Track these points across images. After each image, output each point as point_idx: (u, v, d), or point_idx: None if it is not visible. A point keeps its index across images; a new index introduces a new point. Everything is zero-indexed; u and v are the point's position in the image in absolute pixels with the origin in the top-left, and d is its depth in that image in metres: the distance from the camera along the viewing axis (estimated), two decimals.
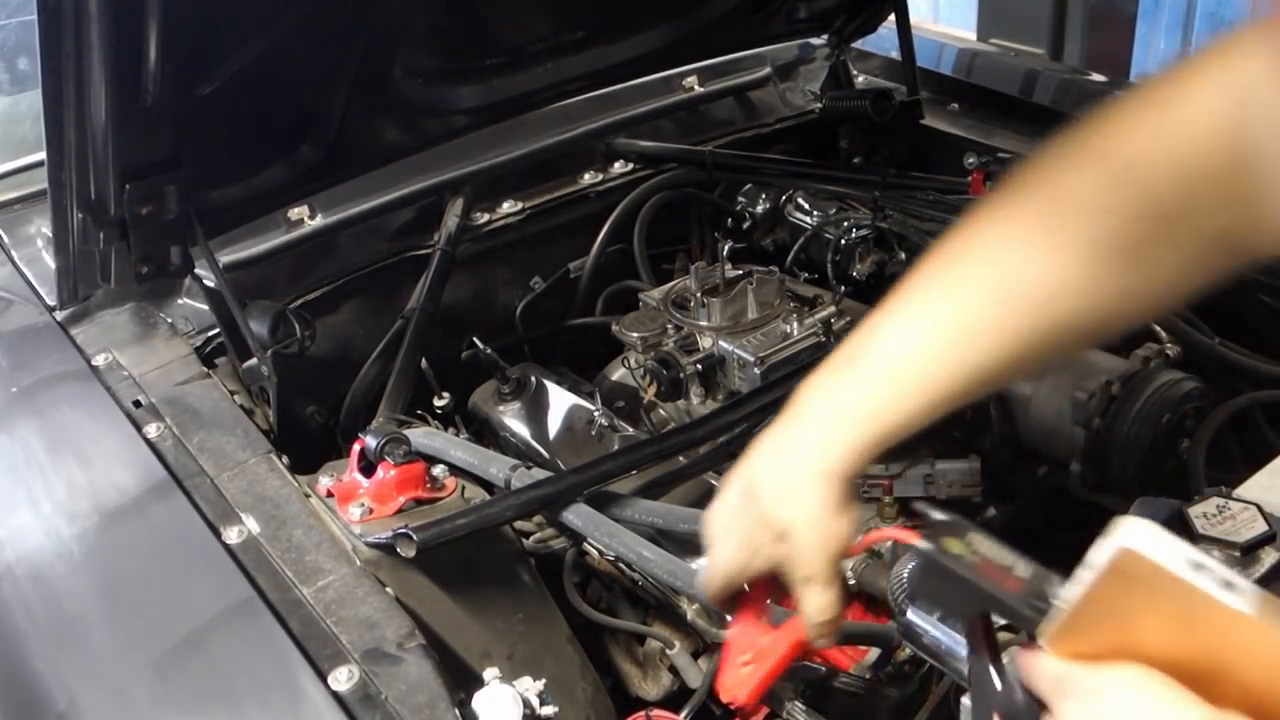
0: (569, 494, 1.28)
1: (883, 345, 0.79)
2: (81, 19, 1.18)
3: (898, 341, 0.78)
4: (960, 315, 0.77)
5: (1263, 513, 1.05)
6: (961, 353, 0.78)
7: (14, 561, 1.20)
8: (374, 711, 0.98)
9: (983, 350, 0.78)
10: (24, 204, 1.88)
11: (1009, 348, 0.78)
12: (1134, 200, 0.73)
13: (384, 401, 1.47)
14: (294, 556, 1.17)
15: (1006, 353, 0.78)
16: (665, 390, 1.53)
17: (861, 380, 0.80)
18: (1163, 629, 0.62)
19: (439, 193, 1.83)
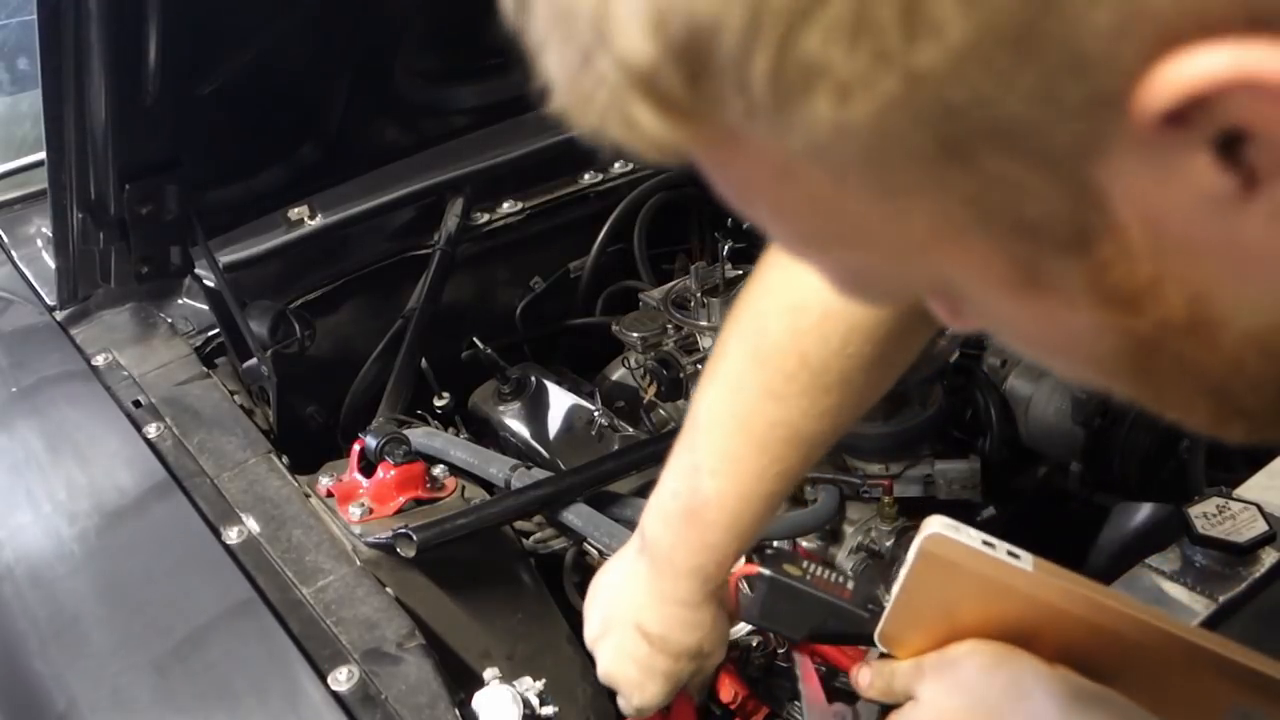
0: (569, 494, 1.28)
1: (720, 502, 0.90)
2: (81, 19, 1.18)
3: (731, 498, 0.89)
4: (776, 466, 0.88)
5: (1263, 513, 1.05)
6: (784, 490, 0.91)
7: (14, 562, 1.20)
8: (374, 711, 0.98)
9: (796, 477, 0.91)
10: (24, 204, 1.88)
11: (810, 463, 0.91)
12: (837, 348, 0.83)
13: (384, 401, 1.47)
14: (294, 556, 1.17)
15: (808, 466, 0.91)
16: (665, 390, 1.53)
17: (709, 533, 0.91)
18: (975, 606, 0.72)
19: (439, 193, 1.83)
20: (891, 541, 1.30)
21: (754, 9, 0.32)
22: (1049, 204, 0.35)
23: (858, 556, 1.32)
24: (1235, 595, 1.01)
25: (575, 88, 0.37)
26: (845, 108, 0.33)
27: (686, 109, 0.35)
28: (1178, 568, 1.04)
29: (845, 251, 0.43)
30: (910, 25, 0.31)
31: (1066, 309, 0.39)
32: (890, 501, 1.35)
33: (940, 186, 0.35)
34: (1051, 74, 0.32)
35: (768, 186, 0.40)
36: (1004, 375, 1.48)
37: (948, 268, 0.40)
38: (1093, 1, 0.30)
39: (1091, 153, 0.34)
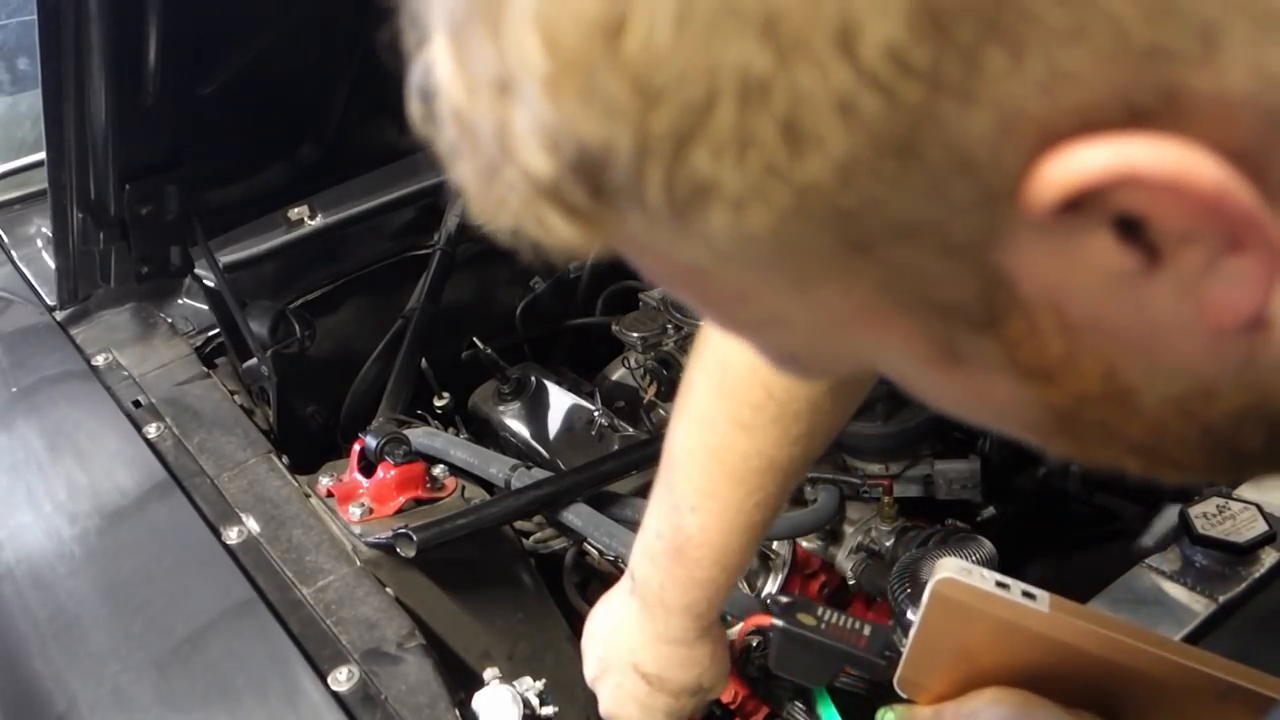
0: (569, 494, 1.28)
1: (704, 538, 0.90)
2: (81, 19, 1.18)
3: (714, 533, 0.90)
4: (754, 497, 0.88)
5: (1263, 513, 1.05)
6: (766, 518, 0.90)
7: (14, 562, 1.20)
8: (374, 711, 0.98)
9: (777, 504, 0.91)
10: (24, 204, 1.89)
11: (788, 489, 0.91)
12: None
13: (384, 401, 1.47)
14: (294, 556, 1.17)
15: (787, 492, 0.91)
16: (665, 390, 1.53)
17: (697, 569, 0.92)
18: (991, 648, 0.71)
19: (439, 193, 1.83)
20: (891, 541, 1.30)
21: (640, 132, 0.32)
22: (956, 287, 0.36)
23: (858, 556, 1.32)
24: (1235, 595, 1.01)
25: (488, 194, 0.37)
26: (741, 219, 0.33)
27: (593, 217, 0.36)
28: (1178, 568, 1.04)
29: (773, 336, 0.44)
30: (792, 140, 0.32)
31: (988, 382, 0.40)
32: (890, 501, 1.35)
33: (849, 275, 0.36)
34: (938, 176, 0.32)
35: (688, 282, 0.40)
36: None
37: (872, 347, 0.41)
38: (968, 109, 0.31)
39: (990, 240, 0.34)
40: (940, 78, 0.31)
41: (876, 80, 0.30)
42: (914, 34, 0.30)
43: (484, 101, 0.35)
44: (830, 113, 0.31)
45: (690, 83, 0.31)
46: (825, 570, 1.38)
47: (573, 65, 0.32)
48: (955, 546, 1.17)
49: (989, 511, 1.42)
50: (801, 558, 1.35)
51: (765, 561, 1.32)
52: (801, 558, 1.35)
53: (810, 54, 0.30)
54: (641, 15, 0.31)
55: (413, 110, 0.38)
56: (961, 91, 0.31)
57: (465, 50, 0.35)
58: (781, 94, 0.31)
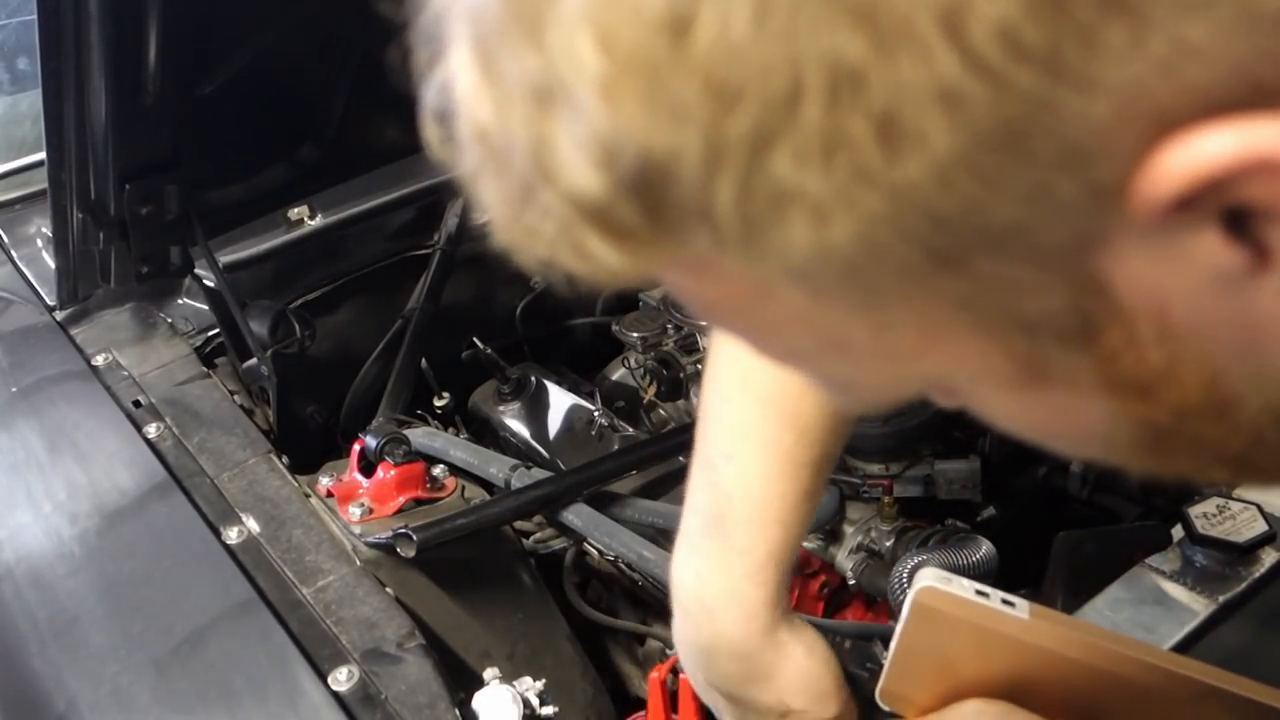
0: (569, 494, 1.28)
1: (746, 492, 0.77)
2: (81, 19, 1.18)
3: (760, 486, 0.77)
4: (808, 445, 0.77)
5: (1263, 513, 1.05)
6: (817, 477, 0.78)
7: (14, 562, 1.20)
8: (374, 711, 0.98)
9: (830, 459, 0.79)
10: (24, 204, 1.89)
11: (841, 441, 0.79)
12: None
13: (384, 401, 1.47)
14: (294, 556, 1.17)
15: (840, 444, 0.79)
16: (665, 390, 1.53)
17: (740, 538, 0.78)
18: (973, 657, 0.69)
19: (439, 193, 1.83)
20: (891, 541, 1.30)
21: (712, 137, 0.29)
22: (1048, 299, 0.33)
23: (858, 556, 1.31)
24: (1235, 595, 1.01)
25: (518, 222, 0.34)
26: (824, 230, 0.31)
27: (645, 239, 0.33)
28: (1178, 568, 1.04)
29: (830, 364, 0.40)
30: (888, 138, 0.29)
31: (1074, 401, 0.37)
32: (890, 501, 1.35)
33: (929, 293, 0.33)
34: (1045, 173, 0.30)
35: (741, 307, 0.37)
36: None
37: (942, 370, 0.38)
38: (1085, 95, 0.29)
39: (1090, 244, 0.32)
40: (1057, 60, 0.28)
41: (986, 66, 0.28)
42: (1029, 11, 0.27)
43: (518, 116, 0.32)
44: (933, 105, 0.28)
45: (772, 79, 0.28)
46: (825, 570, 1.37)
47: (633, 65, 0.29)
48: (955, 546, 1.17)
49: (989, 511, 1.43)
50: (801, 558, 1.35)
51: None
52: (801, 558, 1.35)
53: (913, 38, 0.28)
54: (713, 6, 0.28)
55: (428, 133, 0.35)
56: (1079, 75, 0.28)
57: (495, 60, 0.32)
58: (878, 86, 0.28)
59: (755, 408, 0.76)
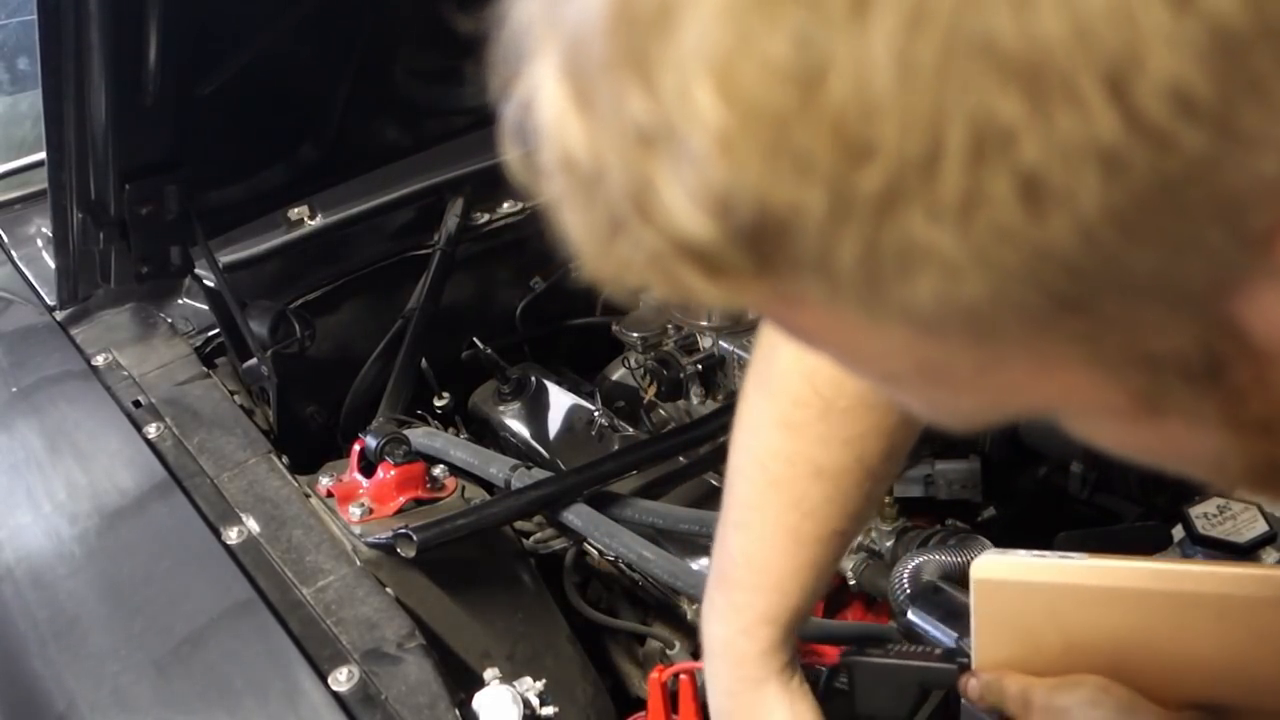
0: (569, 494, 1.28)
1: (746, 558, 0.81)
2: (81, 19, 1.18)
3: (758, 549, 0.80)
4: (802, 505, 0.79)
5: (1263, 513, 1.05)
6: (814, 531, 0.80)
7: (14, 562, 1.20)
8: (374, 711, 0.98)
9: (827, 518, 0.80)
10: (24, 204, 1.89)
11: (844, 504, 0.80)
12: None
13: (384, 401, 1.47)
14: (294, 556, 1.17)
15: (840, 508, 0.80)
16: (665, 390, 1.53)
17: (737, 596, 0.82)
18: (1051, 617, 0.70)
19: (439, 193, 1.83)
20: (891, 542, 1.30)
21: (839, 193, 0.28)
22: (1175, 337, 0.32)
23: (858, 556, 1.31)
24: None
25: (607, 253, 0.32)
26: (954, 288, 0.29)
27: (751, 281, 0.31)
28: None
29: (925, 390, 0.38)
30: (1033, 198, 0.27)
31: (1189, 434, 0.36)
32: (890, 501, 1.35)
33: (1050, 333, 0.32)
34: (1196, 224, 0.29)
35: (840, 340, 0.36)
36: None
37: (1049, 401, 0.37)
38: (1258, 149, 0.27)
39: (1228, 289, 0.31)
40: (1228, 118, 0.27)
41: (1151, 125, 0.26)
42: (1203, 68, 0.26)
43: (616, 153, 0.30)
44: (1087, 166, 0.27)
45: (911, 136, 0.27)
46: None
47: (758, 118, 0.28)
48: (955, 547, 1.17)
49: (989, 511, 1.43)
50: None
51: None
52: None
53: (1072, 96, 0.26)
54: (849, 59, 0.27)
55: (508, 153, 0.34)
56: (1250, 133, 0.27)
57: (593, 92, 0.30)
58: (1029, 146, 0.27)
59: (768, 490, 0.79)
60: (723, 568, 0.82)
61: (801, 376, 0.74)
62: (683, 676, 1.10)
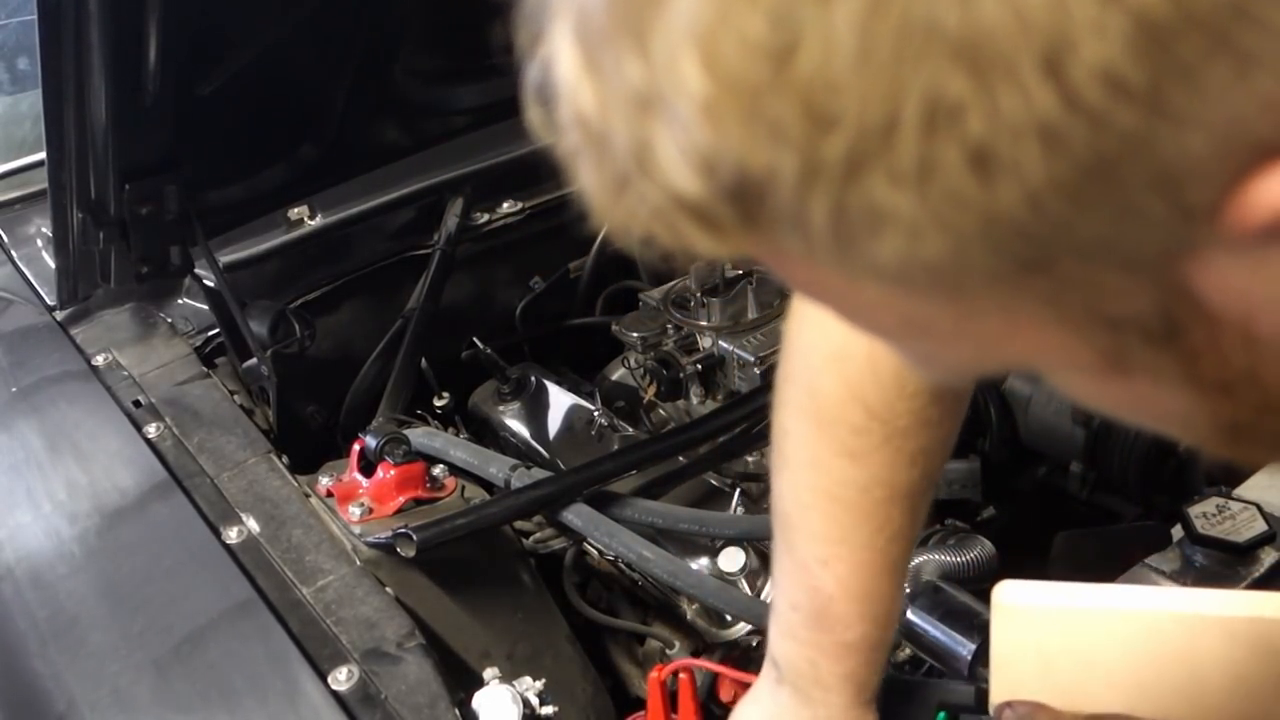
0: (569, 494, 1.28)
1: (845, 591, 0.81)
2: (81, 19, 1.18)
3: (854, 581, 0.81)
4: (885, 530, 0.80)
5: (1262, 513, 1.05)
6: (902, 554, 0.82)
7: (14, 562, 1.20)
8: (374, 711, 0.98)
9: (911, 538, 0.82)
10: (24, 204, 1.89)
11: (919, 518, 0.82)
12: None
13: (384, 401, 1.47)
14: (294, 556, 1.17)
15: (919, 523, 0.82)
16: (665, 390, 1.53)
17: (847, 630, 0.83)
18: (1068, 641, 0.72)
19: (439, 193, 1.83)
20: None
21: (808, 158, 0.31)
22: (1133, 301, 0.34)
23: None
24: None
25: (616, 206, 0.35)
26: (915, 247, 0.32)
27: (741, 235, 0.34)
28: (1178, 568, 1.04)
29: (915, 342, 0.42)
30: (981, 168, 0.30)
31: (1155, 392, 0.38)
32: None
33: (1016, 292, 0.34)
34: (1137, 197, 0.31)
35: (829, 292, 0.39)
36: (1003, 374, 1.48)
37: (1024, 355, 0.39)
38: (1183, 130, 0.29)
39: (1179, 255, 0.33)
40: (1157, 99, 0.29)
41: (1086, 104, 0.29)
42: (1131, 54, 0.28)
43: (619, 114, 0.33)
44: (1029, 140, 0.29)
45: (870, 108, 0.30)
46: None
47: (736, 88, 0.30)
48: (955, 547, 1.17)
49: (989, 511, 1.43)
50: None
51: (766, 562, 1.32)
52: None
53: (1013, 77, 0.29)
54: (816, 37, 0.29)
55: (529, 111, 0.36)
56: (1179, 112, 0.29)
57: (599, 57, 0.33)
58: (976, 120, 0.29)
59: (850, 521, 0.79)
60: (818, 607, 0.81)
61: (853, 402, 0.75)
62: (682, 675, 1.10)
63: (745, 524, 1.31)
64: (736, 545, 1.29)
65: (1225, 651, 0.69)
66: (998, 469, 1.44)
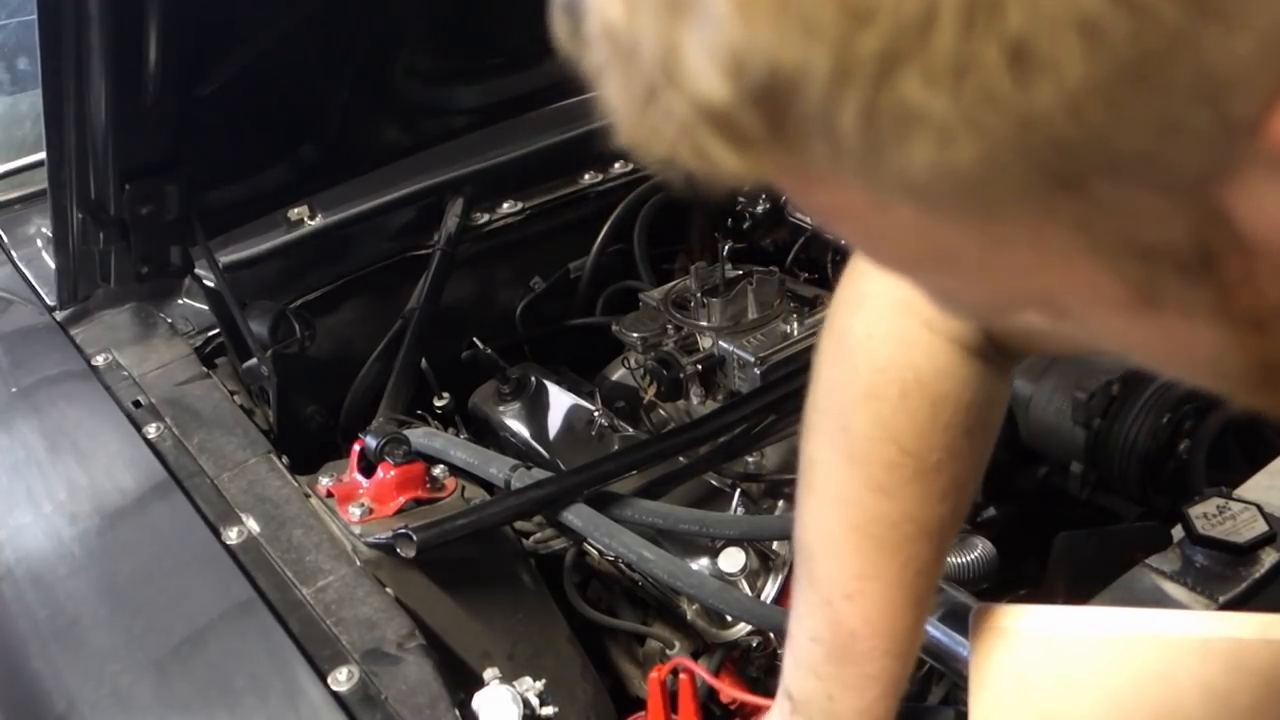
0: (569, 494, 1.28)
1: (868, 626, 0.80)
2: (81, 19, 1.18)
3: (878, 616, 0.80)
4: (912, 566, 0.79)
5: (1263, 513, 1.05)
6: (928, 589, 0.81)
7: (14, 562, 1.20)
8: (374, 711, 0.98)
9: (935, 573, 0.81)
10: (24, 204, 1.88)
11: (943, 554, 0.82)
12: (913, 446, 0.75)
13: (384, 401, 1.47)
14: (294, 557, 1.17)
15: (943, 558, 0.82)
16: (665, 390, 1.53)
17: (869, 664, 0.82)
18: (1046, 669, 0.72)
19: (439, 193, 1.83)
20: None
21: (842, 55, 0.30)
22: (1168, 226, 0.33)
23: None
24: (1235, 595, 1.01)
25: (641, 121, 0.34)
26: (947, 152, 0.31)
27: (766, 148, 0.33)
28: (1178, 568, 1.04)
29: (940, 275, 0.40)
30: (1020, 65, 0.29)
31: (1187, 330, 0.37)
32: None
33: (1046, 215, 0.33)
34: (1179, 105, 0.30)
35: (855, 216, 0.37)
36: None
37: (1052, 291, 0.38)
38: (1230, 31, 0.29)
39: (1217, 175, 0.32)
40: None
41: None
42: None
43: (648, 19, 0.32)
44: (1070, 35, 0.28)
45: (907, 2, 0.29)
46: None
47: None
48: (955, 546, 1.17)
49: (989, 511, 1.42)
50: None
51: (766, 562, 1.32)
52: None
53: None
54: None
55: (557, 25, 0.36)
56: (1226, 11, 0.28)
57: None
58: (1015, 13, 0.28)
59: (879, 556, 0.78)
60: (841, 641, 0.80)
61: (887, 440, 0.74)
62: (682, 675, 1.10)
63: (745, 524, 1.31)
64: (736, 546, 1.30)
65: (1202, 673, 0.69)
66: (998, 469, 1.43)
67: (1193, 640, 0.70)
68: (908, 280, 0.43)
